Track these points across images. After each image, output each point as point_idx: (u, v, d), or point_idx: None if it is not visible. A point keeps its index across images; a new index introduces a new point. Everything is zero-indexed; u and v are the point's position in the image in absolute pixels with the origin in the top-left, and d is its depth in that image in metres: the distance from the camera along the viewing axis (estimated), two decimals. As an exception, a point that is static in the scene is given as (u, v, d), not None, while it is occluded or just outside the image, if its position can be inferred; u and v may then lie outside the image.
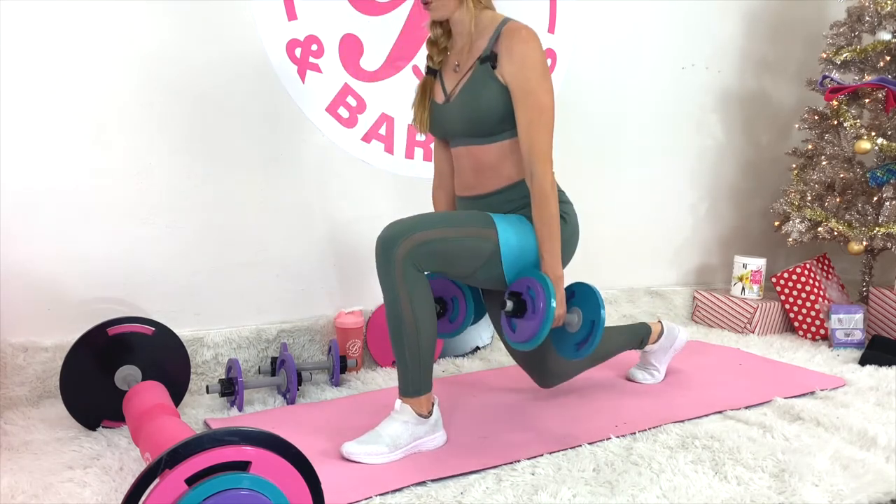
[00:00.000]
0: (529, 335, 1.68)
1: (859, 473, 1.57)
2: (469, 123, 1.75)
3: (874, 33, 2.87)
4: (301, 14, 2.23)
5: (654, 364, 2.24)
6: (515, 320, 1.72)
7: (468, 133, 1.77)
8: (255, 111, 2.21)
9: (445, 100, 1.80)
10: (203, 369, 2.15)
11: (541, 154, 1.67)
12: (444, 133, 1.86)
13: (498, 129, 1.73)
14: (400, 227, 1.63)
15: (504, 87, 1.69)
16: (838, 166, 2.90)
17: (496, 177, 1.78)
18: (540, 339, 1.65)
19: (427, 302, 1.65)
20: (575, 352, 1.73)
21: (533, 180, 1.68)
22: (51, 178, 1.94)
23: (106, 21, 1.95)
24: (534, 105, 1.66)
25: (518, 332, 1.72)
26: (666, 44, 3.04)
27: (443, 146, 1.95)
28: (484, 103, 1.71)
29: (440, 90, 1.83)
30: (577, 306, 1.74)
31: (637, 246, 3.11)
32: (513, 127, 1.72)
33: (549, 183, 1.68)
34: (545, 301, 1.63)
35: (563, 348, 1.78)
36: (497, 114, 1.71)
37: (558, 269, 1.70)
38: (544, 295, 1.64)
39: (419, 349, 1.65)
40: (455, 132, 1.80)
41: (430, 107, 1.84)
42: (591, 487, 1.51)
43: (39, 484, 1.47)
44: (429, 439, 1.69)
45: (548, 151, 1.69)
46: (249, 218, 2.24)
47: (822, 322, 2.85)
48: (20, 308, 1.93)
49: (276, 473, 1.15)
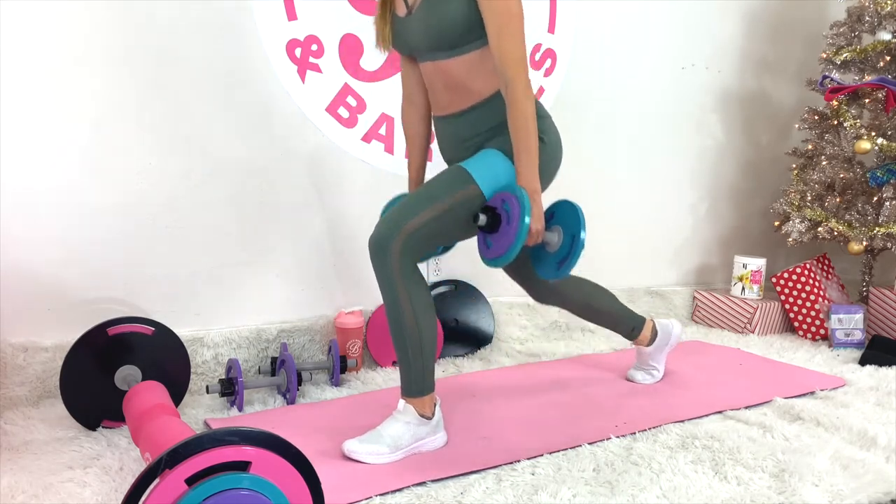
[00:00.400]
0: (502, 251, 1.60)
1: (859, 473, 1.57)
2: (433, 36, 1.66)
3: (874, 33, 2.87)
4: (301, 14, 2.23)
5: (652, 364, 2.24)
6: (490, 235, 1.65)
7: (433, 46, 1.69)
8: (255, 111, 2.21)
9: (407, 12, 1.71)
10: (203, 369, 2.15)
11: (513, 60, 1.59)
12: (408, 48, 1.77)
13: (464, 39, 1.65)
14: (388, 224, 1.62)
15: None
16: (838, 166, 2.90)
17: (468, 93, 1.71)
18: (512, 255, 1.58)
19: (426, 300, 1.65)
20: (556, 270, 1.68)
21: (507, 88, 1.60)
22: (51, 178, 1.94)
23: (106, 21, 1.95)
24: (502, 10, 1.58)
25: (492, 248, 1.65)
26: (666, 44, 3.04)
27: (409, 63, 1.86)
28: (448, 13, 1.62)
29: (401, 2, 1.73)
30: (558, 224, 1.69)
31: (637, 246, 3.11)
32: (480, 37, 1.64)
33: (523, 89, 1.60)
34: (520, 215, 1.55)
35: (544, 268, 1.72)
36: (463, 23, 1.62)
37: (535, 182, 1.61)
38: (519, 209, 1.56)
39: (421, 348, 1.65)
40: (420, 46, 1.72)
41: (391, 21, 1.76)
42: (591, 487, 1.51)
43: (39, 484, 1.47)
44: (430, 440, 1.69)
45: (521, 57, 1.60)
46: (249, 218, 2.24)
47: (822, 322, 2.85)
48: (20, 308, 1.93)
49: (276, 473, 1.15)
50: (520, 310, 2.75)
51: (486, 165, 1.68)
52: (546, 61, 2.74)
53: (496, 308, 2.67)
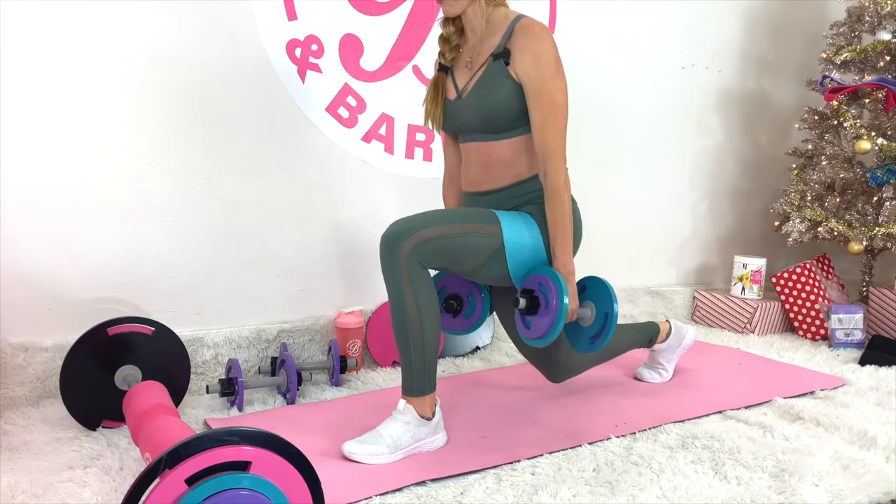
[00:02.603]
0: (544, 331, 1.68)
1: (859, 473, 1.57)
2: (483, 120, 1.74)
3: (874, 33, 2.87)
4: (301, 14, 2.23)
5: (661, 363, 2.25)
6: (529, 317, 1.73)
7: (481, 129, 1.77)
8: (255, 111, 2.21)
9: (458, 96, 1.80)
10: (203, 369, 2.15)
11: (554, 151, 1.68)
12: (455, 129, 1.85)
13: (511, 125, 1.73)
14: (404, 225, 1.63)
15: (517, 84, 1.69)
16: (838, 166, 2.90)
17: (505, 173, 1.77)
18: (554, 335, 1.66)
19: (431, 301, 1.65)
20: (590, 345, 1.74)
21: (546, 177, 1.69)
22: (51, 177, 1.94)
23: (106, 21, 1.95)
24: (547, 102, 1.67)
25: (532, 328, 1.72)
26: (666, 44, 3.04)
27: (453, 142, 1.95)
28: (498, 100, 1.70)
29: (452, 87, 1.82)
30: (590, 300, 1.75)
31: (637, 246, 3.12)
32: (525, 124, 1.73)
33: (563, 180, 1.68)
34: (558, 297, 1.63)
35: (578, 342, 1.78)
36: (511, 111, 1.71)
37: (570, 265, 1.70)
38: (557, 291, 1.64)
39: (424, 348, 1.65)
40: (468, 128, 1.80)
41: (442, 104, 1.84)
42: (591, 487, 1.51)
43: (39, 484, 1.47)
44: (429, 441, 1.69)
45: (561, 149, 1.69)
46: (249, 218, 2.24)
47: (822, 322, 2.85)
48: (20, 308, 1.93)
49: (276, 473, 1.15)
50: (520, 310, 2.75)
51: (513, 218, 1.74)
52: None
53: (496, 308, 2.67)
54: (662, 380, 2.24)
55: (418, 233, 1.62)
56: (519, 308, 1.71)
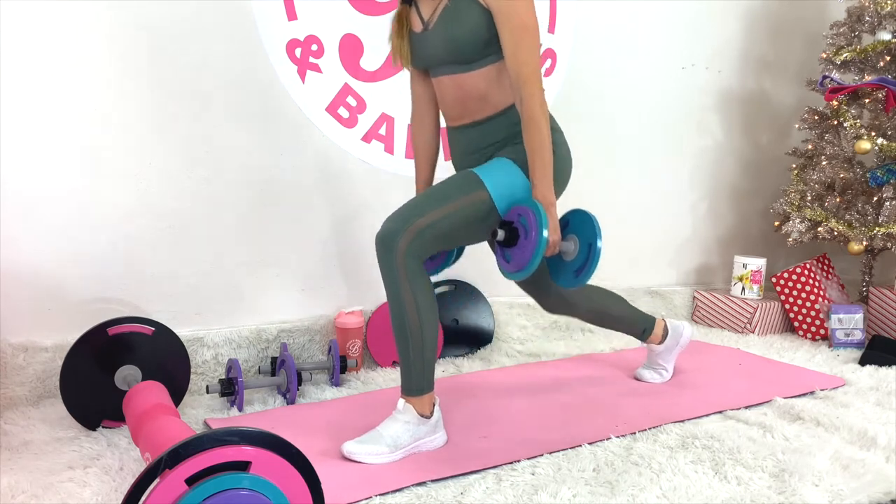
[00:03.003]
0: (522, 264, 1.64)
1: (859, 473, 1.57)
2: (452, 50, 1.68)
3: (874, 33, 2.87)
4: (301, 14, 2.23)
5: (661, 364, 2.25)
6: (508, 249, 1.68)
7: (451, 60, 1.71)
8: (255, 111, 2.21)
9: (424, 28, 1.74)
10: (203, 369, 2.15)
11: (529, 76, 1.62)
12: (425, 63, 1.79)
13: (481, 53, 1.68)
14: (396, 221, 1.63)
15: (485, 10, 1.64)
16: (838, 166, 2.90)
17: (485, 104, 1.73)
18: (532, 267, 1.61)
19: (430, 299, 1.65)
20: (574, 279, 1.71)
21: (522, 104, 1.63)
22: (50, 178, 1.94)
23: (106, 21, 1.95)
24: (518, 25, 1.61)
25: (511, 261, 1.68)
26: (666, 44, 3.04)
27: (421, 79, 1.88)
28: (465, 27, 1.65)
29: (417, 19, 1.76)
30: (573, 233, 1.72)
31: (637, 246, 3.11)
32: (497, 51, 1.67)
33: (538, 105, 1.62)
34: (537, 228, 1.59)
35: (562, 277, 1.75)
36: (479, 38, 1.65)
37: (550, 196, 1.64)
38: (536, 222, 1.59)
39: (423, 347, 1.65)
40: (438, 60, 1.74)
41: (408, 37, 1.78)
42: (591, 487, 1.51)
43: (39, 484, 1.47)
44: (429, 440, 1.69)
45: (536, 73, 1.63)
46: (249, 218, 2.24)
47: (822, 322, 2.85)
48: (20, 308, 1.93)
49: (276, 473, 1.15)
50: (520, 310, 2.75)
51: (498, 173, 1.70)
52: (546, 61, 2.74)
53: (496, 308, 2.67)
54: (662, 380, 2.25)
55: (412, 225, 1.61)
56: (497, 240, 1.67)
